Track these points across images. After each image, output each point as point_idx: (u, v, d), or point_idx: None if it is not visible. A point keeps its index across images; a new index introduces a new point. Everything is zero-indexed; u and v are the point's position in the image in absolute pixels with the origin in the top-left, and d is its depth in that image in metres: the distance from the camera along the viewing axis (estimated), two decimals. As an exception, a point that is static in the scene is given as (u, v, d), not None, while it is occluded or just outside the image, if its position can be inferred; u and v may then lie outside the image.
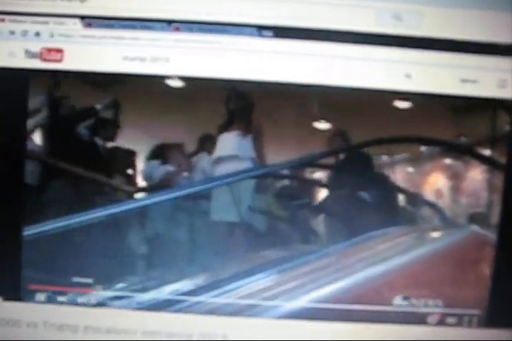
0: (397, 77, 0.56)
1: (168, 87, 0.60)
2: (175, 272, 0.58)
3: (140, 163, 0.68)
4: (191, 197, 0.63)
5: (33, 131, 0.63)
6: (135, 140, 0.67)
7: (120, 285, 0.57)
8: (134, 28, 0.56)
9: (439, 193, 0.63)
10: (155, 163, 0.68)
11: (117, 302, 0.59)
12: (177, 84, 0.60)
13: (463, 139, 0.59)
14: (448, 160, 0.62)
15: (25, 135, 0.58)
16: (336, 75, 0.56)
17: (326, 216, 0.64)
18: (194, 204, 0.64)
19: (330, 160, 0.65)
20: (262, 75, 0.56)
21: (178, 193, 0.63)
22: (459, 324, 0.59)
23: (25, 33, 0.56)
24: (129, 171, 0.68)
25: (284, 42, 0.56)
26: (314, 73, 0.56)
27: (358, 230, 0.60)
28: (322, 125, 0.65)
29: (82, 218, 0.57)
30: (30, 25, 0.56)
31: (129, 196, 0.67)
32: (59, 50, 0.56)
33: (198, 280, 0.57)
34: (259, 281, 0.56)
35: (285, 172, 0.65)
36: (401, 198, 0.63)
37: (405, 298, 0.59)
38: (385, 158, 0.65)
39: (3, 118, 0.57)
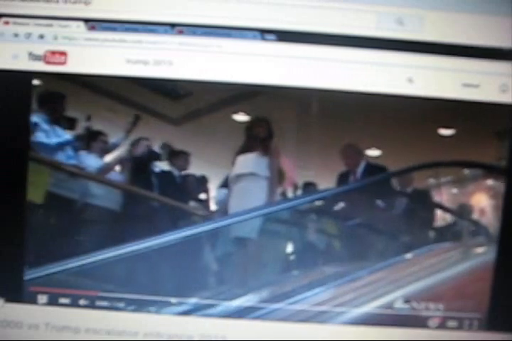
0: (399, 81, 0.56)
1: (234, 120, 0.65)
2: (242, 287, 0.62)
3: (212, 190, 0.73)
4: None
5: (115, 164, 0.72)
6: (205, 168, 0.72)
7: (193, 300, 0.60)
8: (137, 31, 0.56)
9: (482, 212, 0.65)
10: (225, 190, 0.72)
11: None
12: (242, 118, 0.65)
13: (503, 162, 0.60)
14: (490, 181, 0.64)
15: (28, 138, 0.58)
16: (337, 79, 0.57)
17: (377, 234, 0.67)
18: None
19: (377, 183, 0.68)
20: (264, 79, 0.56)
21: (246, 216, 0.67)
22: (459, 327, 0.60)
23: (29, 36, 0.56)
24: (202, 197, 0.73)
25: (287, 46, 0.56)
26: (316, 77, 0.57)
27: (407, 247, 0.64)
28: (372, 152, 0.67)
29: (155, 241, 0.62)
30: (34, 28, 0.56)
31: (203, 219, 0.71)
32: (63, 53, 0.56)
33: (263, 294, 0.61)
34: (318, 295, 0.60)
35: (340, 195, 0.69)
36: (447, 217, 0.66)
37: (406, 302, 0.60)
38: (431, 180, 0.68)
39: (6, 119, 0.57)
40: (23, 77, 0.56)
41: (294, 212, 0.69)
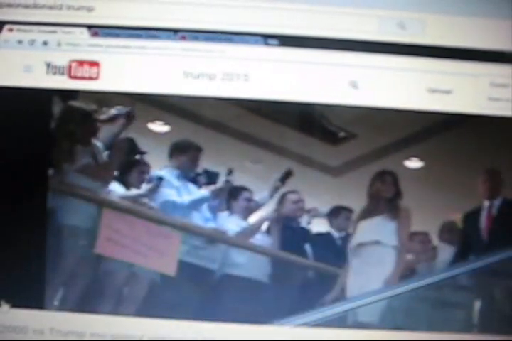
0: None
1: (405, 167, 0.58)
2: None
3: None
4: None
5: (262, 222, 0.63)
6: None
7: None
8: (140, 37, 0.56)
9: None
10: None
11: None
12: (415, 164, 0.60)
13: None
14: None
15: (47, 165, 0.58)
16: (340, 83, 0.57)
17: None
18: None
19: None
20: (267, 84, 0.57)
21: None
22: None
23: (32, 42, 0.56)
24: None
25: (290, 51, 0.56)
26: (319, 81, 0.57)
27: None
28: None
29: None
30: (37, 35, 0.56)
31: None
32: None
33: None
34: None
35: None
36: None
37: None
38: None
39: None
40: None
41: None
